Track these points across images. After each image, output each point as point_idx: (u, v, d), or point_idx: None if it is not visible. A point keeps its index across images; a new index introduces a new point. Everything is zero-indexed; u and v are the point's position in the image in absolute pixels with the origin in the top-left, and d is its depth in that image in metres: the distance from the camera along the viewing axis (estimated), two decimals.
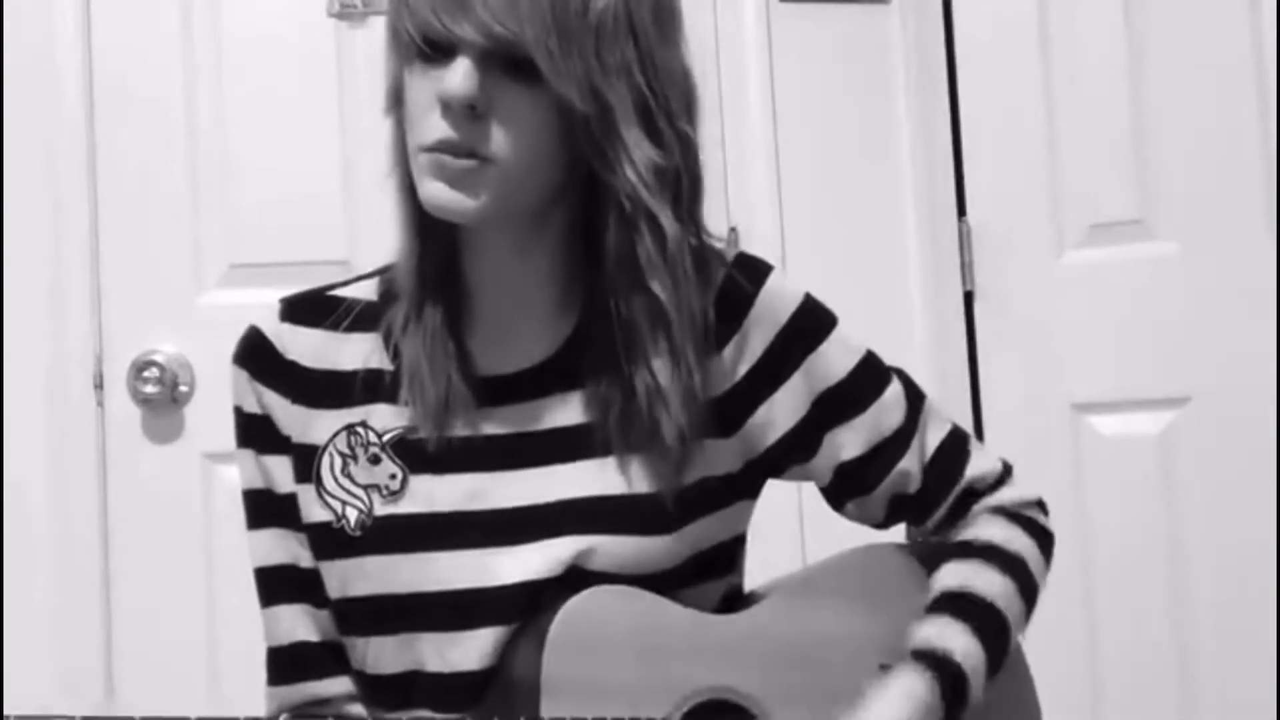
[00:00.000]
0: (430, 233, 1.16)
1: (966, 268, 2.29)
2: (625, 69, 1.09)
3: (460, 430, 1.16)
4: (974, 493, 1.26)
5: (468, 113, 1.08)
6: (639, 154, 1.10)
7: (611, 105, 1.09)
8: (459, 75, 1.07)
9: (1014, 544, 1.22)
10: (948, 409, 1.30)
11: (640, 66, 1.10)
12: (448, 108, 1.08)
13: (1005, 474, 1.28)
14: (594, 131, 1.09)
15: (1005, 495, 1.26)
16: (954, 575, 1.20)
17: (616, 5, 1.09)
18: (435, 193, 1.09)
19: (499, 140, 1.09)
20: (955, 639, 1.15)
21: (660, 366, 1.13)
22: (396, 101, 1.13)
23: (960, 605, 1.18)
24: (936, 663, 1.14)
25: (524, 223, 1.15)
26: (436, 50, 1.09)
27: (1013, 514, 1.26)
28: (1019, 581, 1.21)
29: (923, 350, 2.28)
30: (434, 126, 1.09)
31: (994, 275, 2.28)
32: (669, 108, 1.12)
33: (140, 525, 2.16)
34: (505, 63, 1.08)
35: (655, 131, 1.11)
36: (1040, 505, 1.29)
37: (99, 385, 2.17)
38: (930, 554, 1.25)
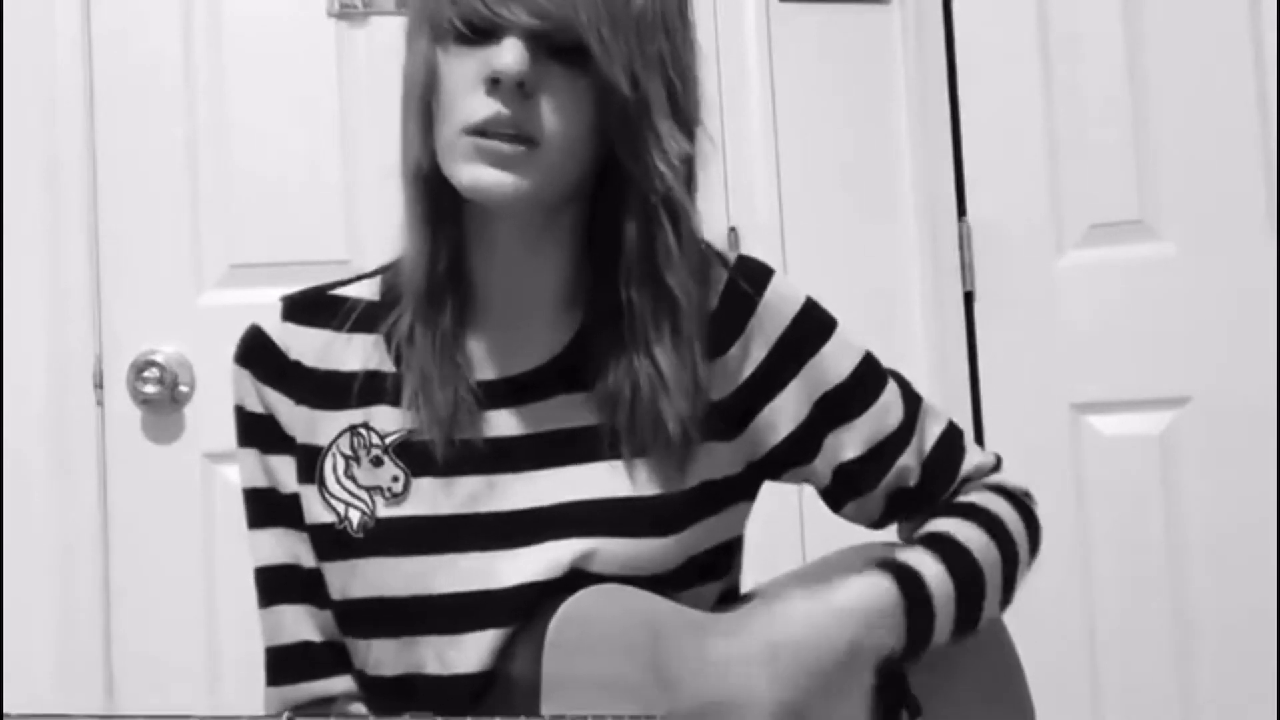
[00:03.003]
0: (443, 228, 1.15)
1: (966, 268, 2.29)
2: (660, 61, 1.12)
3: (465, 433, 1.16)
4: (971, 482, 1.27)
5: (516, 91, 1.08)
6: (672, 145, 1.12)
7: (649, 95, 1.11)
8: (512, 53, 1.07)
9: (998, 509, 1.23)
10: (948, 409, 1.31)
11: (672, 61, 1.13)
12: (496, 85, 1.08)
13: (997, 466, 1.30)
14: (630, 120, 1.11)
15: (996, 479, 1.28)
16: (932, 525, 1.21)
17: (655, 1, 1.12)
18: (479, 175, 1.09)
19: (545, 121, 1.09)
20: (921, 561, 1.15)
21: (664, 356, 1.14)
22: (429, 86, 1.12)
23: (931, 541, 1.18)
24: (897, 571, 1.14)
25: (537, 219, 1.16)
26: (478, 32, 1.09)
27: (1001, 489, 1.27)
28: (997, 539, 1.21)
29: (923, 350, 2.28)
30: (480, 105, 1.08)
31: (994, 275, 2.28)
32: (691, 103, 1.15)
33: (140, 525, 2.16)
34: (549, 46, 1.09)
35: (684, 124, 1.14)
36: (1028, 494, 1.30)
37: (99, 385, 2.17)
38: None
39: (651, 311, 1.14)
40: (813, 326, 1.23)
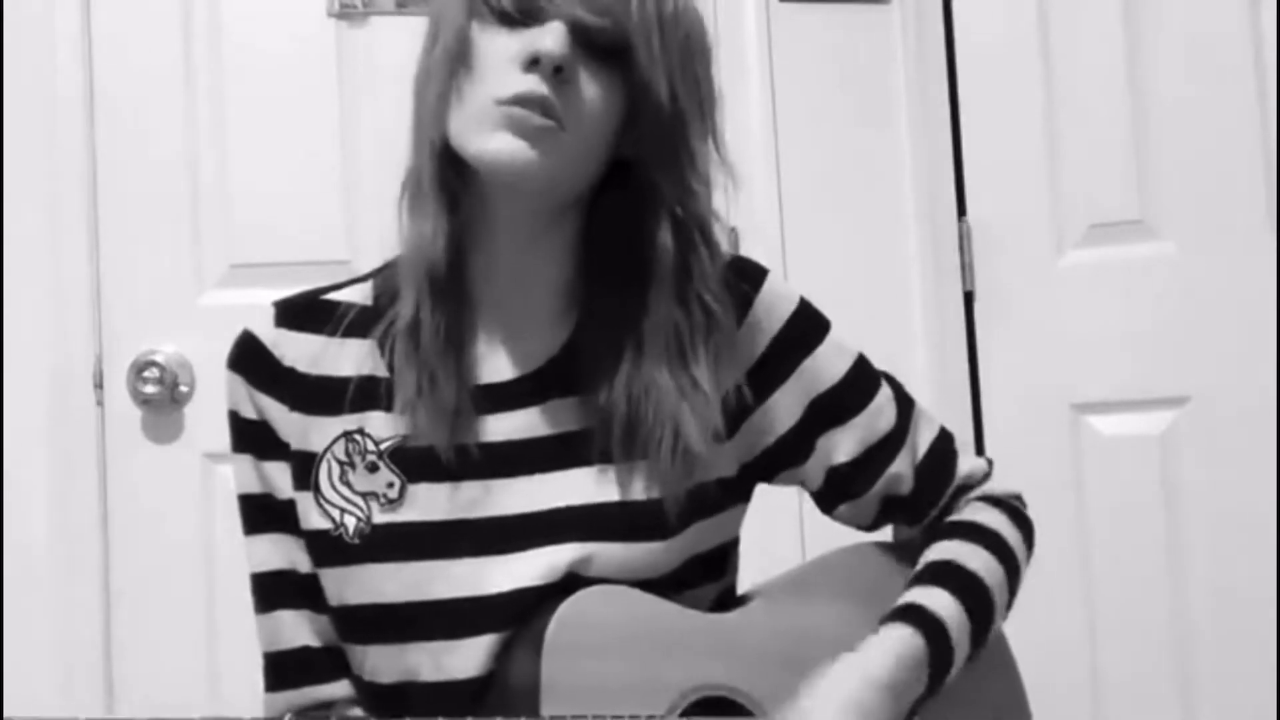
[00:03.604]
0: (446, 212, 1.14)
1: (966, 268, 2.29)
2: (696, 83, 1.14)
3: (460, 437, 1.16)
4: (965, 489, 1.28)
5: (554, 75, 1.08)
6: (705, 166, 1.15)
7: (686, 113, 1.13)
8: (555, 35, 1.08)
9: (997, 525, 1.25)
10: (948, 409, 1.31)
11: (707, 85, 1.16)
12: (534, 64, 1.08)
13: (989, 470, 1.30)
14: (665, 134, 1.12)
15: (989, 487, 1.29)
16: (938, 551, 1.22)
17: (696, 26, 1.15)
18: (502, 143, 1.09)
19: (576, 109, 1.10)
20: (938, 600, 1.17)
21: (701, 371, 1.15)
22: (459, 59, 1.11)
23: (943, 573, 1.20)
24: (919, 619, 1.15)
25: (541, 219, 1.16)
26: (522, 14, 1.10)
27: (996, 500, 1.28)
28: (1001, 558, 1.22)
29: (923, 350, 2.28)
30: (515, 81, 1.09)
31: (994, 275, 2.28)
32: (717, 130, 1.17)
33: (140, 525, 2.16)
34: (590, 43, 1.10)
35: (714, 147, 1.16)
36: (1020, 498, 1.31)
37: (99, 385, 2.17)
38: (917, 546, 1.26)
39: (687, 326, 1.15)
40: (807, 327, 1.23)
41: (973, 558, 1.21)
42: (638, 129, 1.12)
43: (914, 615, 1.16)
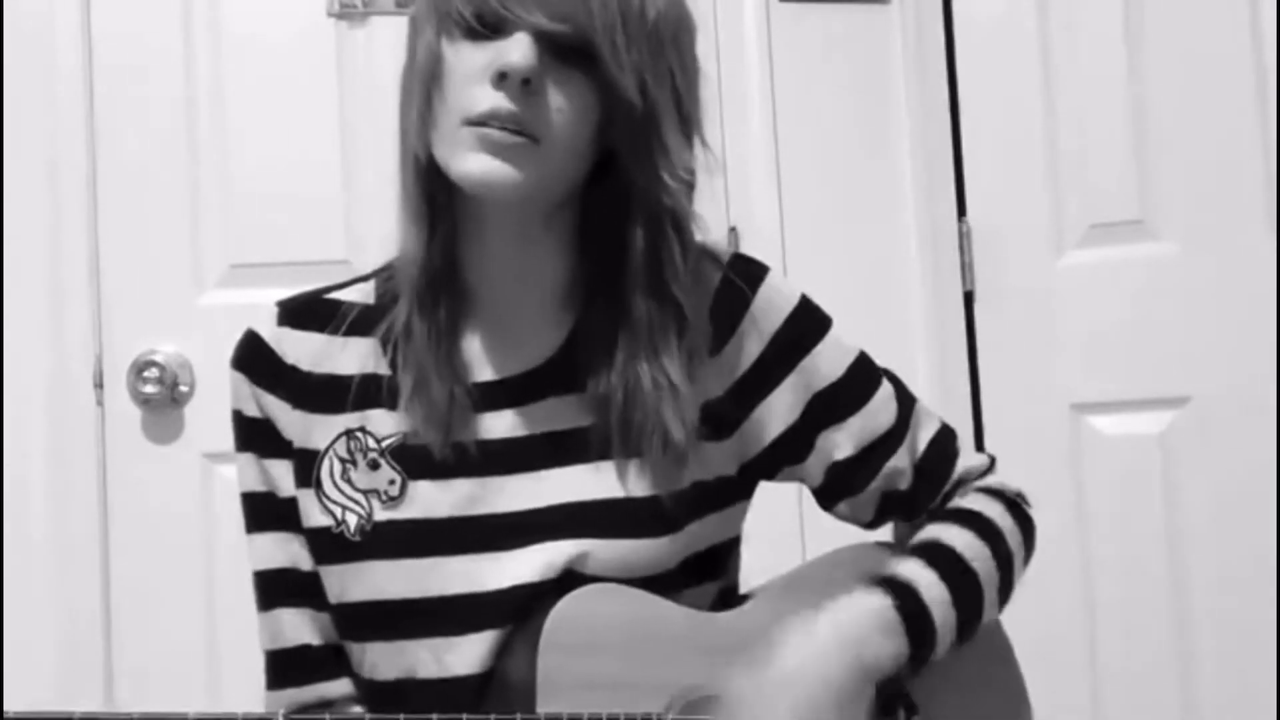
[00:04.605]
0: (437, 221, 1.15)
1: (966, 268, 2.29)
2: (670, 75, 1.13)
3: (459, 436, 1.16)
4: (964, 484, 1.27)
5: (522, 88, 1.08)
6: (680, 159, 1.13)
7: (658, 108, 1.12)
8: (521, 48, 1.07)
9: (989, 511, 1.23)
10: (948, 409, 1.31)
11: (682, 76, 1.14)
12: (502, 79, 1.08)
13: (991, 466, 1.30)
14: (637, 131, 1.11)
15: (989, 481, 1.28)
16: (924, 533, 1.21)
17: (667, 15, 1.13)
18: (479, 165, 1.09)
19: (548, 119, 1.09)
20: (915, 571, 1.16)
21: (672, 363, 1.15)
22: (432, 76, 1.11)
23: (923, 550, 1.19)
24: (892, 586, 1.14)
25: (532, 218, 1.16)
26: (487, 26, 1.09)
27: (995, 492, 1.27)
28: (989, 540, 1.21)
29: (923, 350, 2.28)
30: (484, 97, 1.08)
31: (994, 275, 2.28)
32: (697, 120, 1.16)
33: (140, 525, 2.16)
34: (557, 48, 1.09)
35: (689, 138, 1.15)
36: (1022, 495, 1.30)
37: (99, 385, 2.17)
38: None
39: (659, 320, 1.15)
40: (807, 325, 1.23)
41: (957, 537, 1.19)
42: (613, 127, 1.12)
43: (887, 583, 1.14)
